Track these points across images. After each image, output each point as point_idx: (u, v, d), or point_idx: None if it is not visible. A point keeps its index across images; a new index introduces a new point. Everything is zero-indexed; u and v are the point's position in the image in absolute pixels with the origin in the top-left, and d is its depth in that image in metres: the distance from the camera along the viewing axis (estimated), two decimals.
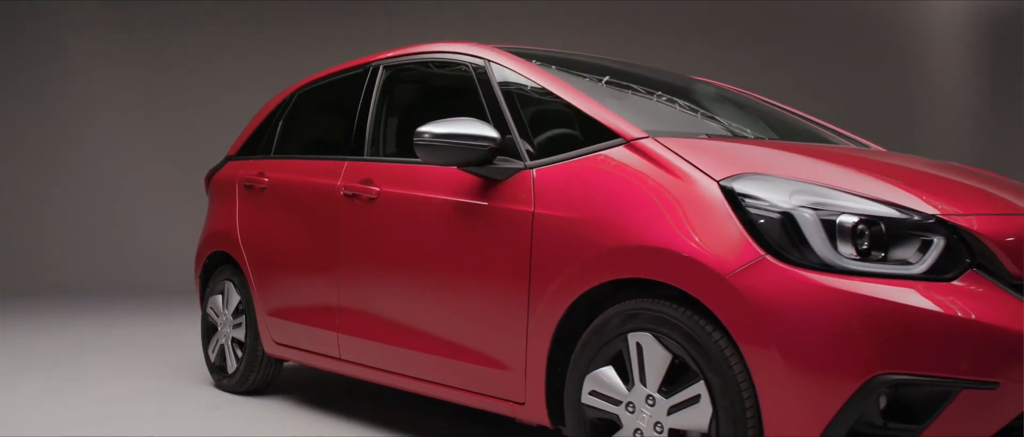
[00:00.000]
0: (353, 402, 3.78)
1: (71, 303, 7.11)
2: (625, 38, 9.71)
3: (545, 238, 2.51)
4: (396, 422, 3.41)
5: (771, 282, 2.03)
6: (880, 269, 2.01)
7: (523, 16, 9.59)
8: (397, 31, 8.86)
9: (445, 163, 2.72)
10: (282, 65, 8.31)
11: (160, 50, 9.02)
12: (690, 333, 2.16)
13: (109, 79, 8.98)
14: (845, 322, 1.95)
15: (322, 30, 9.13)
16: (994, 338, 1.94)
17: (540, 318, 2.51)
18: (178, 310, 6.56)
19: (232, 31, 9.08)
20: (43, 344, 5.16)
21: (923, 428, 1.95)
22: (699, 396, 2.15)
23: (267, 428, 3.35)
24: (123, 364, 4.55)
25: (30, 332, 5.63)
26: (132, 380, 4.16)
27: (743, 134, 3.00)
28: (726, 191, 2.17)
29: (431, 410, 3.59)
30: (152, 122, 8.92)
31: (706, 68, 9.53)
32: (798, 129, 3.33)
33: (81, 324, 6.03)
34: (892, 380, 1.93)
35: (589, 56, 3.43)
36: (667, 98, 3.19)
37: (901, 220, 2.06)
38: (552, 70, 2.93)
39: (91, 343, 5.24)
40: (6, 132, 8.78)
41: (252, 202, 3.90)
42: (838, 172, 2.31)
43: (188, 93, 8.92)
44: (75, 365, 4.51)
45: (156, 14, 9.01)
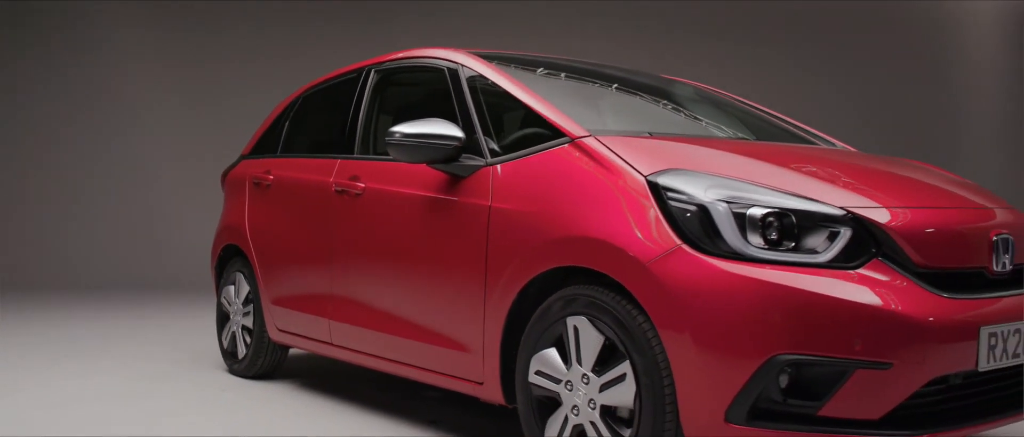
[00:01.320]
0: (351, 387, 4.01)
1: (110, 295, 7.53)
2: (653, 38, 9.85)
3: (499, 230, 2.71)
4: (387, 405, 3.64)
5: (685, 270, 2.19)
6: (787, 257, 2.17)
7: (540, 17, 9.78)
8: (431, 32, 9.15)
9: (415, 161, 2.93)
10: (319, 65, 8.61)
11: (197, 48, 9.34)
12: (618, 317, 2.34)
13: (146, 77, 9.31)
14: (747, 306, 2.11)
15: (359, 31, 9.39)
16: (888, 322, 2.08)
17: (494, 304, 2.71)
18: (209, 301, 6.89)
19: (268, 32, 9.37)
20: (77, 332, 5.53)
21: (821, 405, 2.10)
22: (625, 375, 2.33)
23: (265, 407, 3.60)
24: (149, 350, 4.87)
25: (66, 320, 6.02)
26: (155, 364, 4.46)
27: (700, 133, 3.15)
28: (651, 185, 2.34)
29: (422, 395, 3.81)
30: (189, 119, 9.25)
31: (738, 67, 9.64)
32: (766, 128, 3.46)
33: (116, 314, 6.41)
34: (790, 360, 2.08)
35: (564, 59, 3.62)
36: (626, 98, 3.36)
37: (810, 212, 2.21)
38: (516, 73, 3.13)
39: (123, 332, 5.58)
40: (44, 129, 9.12)
41: (259, 198, 4.17)
42: (763, 168, 2.46)
43: (225, 91, 9.22)
44: (103, 351, 4.85)
45: (194, 14, 9.37)
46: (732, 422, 2.12)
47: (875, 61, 10.46)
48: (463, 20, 9.64)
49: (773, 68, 10.24)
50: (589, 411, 2.42)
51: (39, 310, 6.63)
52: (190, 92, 9.31)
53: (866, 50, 10.46)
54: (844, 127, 10.16)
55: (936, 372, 2.12)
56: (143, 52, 9.36)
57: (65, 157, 9.16)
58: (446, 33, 9.40)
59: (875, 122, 10.45)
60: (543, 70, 3.38)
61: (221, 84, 9.24)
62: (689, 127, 3.29)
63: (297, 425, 3.33)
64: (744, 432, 2.12)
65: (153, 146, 9.25)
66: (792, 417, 2.12)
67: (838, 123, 10.21)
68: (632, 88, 3.53)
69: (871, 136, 10.25)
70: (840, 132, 5.63)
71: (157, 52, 9.36)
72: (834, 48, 10.39)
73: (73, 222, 9.03)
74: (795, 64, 10.31)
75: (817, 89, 10.29)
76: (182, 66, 9.35)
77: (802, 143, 3.32)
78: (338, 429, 3.26)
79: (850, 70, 10.43)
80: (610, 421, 2.38)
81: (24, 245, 8.85)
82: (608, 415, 2.39)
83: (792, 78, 10.27)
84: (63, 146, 9.17)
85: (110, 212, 9.08)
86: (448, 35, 9.51)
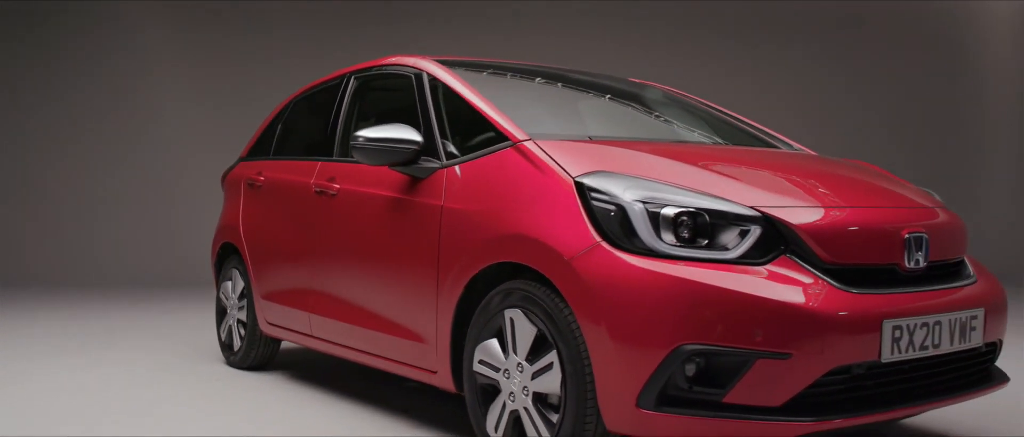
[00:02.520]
0: (337, 378, 4.20)
1: (130, 291, 7.84)
2: (666, 37, 9.95)
3: (449, 229, 2.88)
4: (365, 395, 3.82)
5: (602, 265, 2.35)
6: (697, 254, 2.31)
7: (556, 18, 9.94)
8: (457, 33, 9.39)
9: (377, 163, 3.11)
10: (340, 68, 8.85)
11: (220, 49, 9.60)
12: (547, 310, 2.49)
13: (169, 77, 9.59)
14: (655, 299, 2.25)
15: (383, 33, 9.60)
16: (787, 314, 2.21)
17: (445, 298, 2.88)
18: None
19: (292, 34, 9.59)
20: (90, 325, 5.82)
21: (725, 392, 2.24)
22: (553, 364, 2.48)
23: (252, 395, 3.82)
24: (155, 343, 5.13)
25: (82, 314, 6.32)
26: (156, 356, 4.71)
27: (648, 136, 3.30)
28: (578, 186, 2.50)
29: (402, 385, 3.99)
30: (211, 119, 9.50)
31: (756, 68, 9.67)
32: (727, 131, 3.59)
33: (132, 309, 6.70)
34: (694, 350, 2.22)
35: (536, 65, 3.79)
36: (582, 102, 3.52)
37: (722, 211, 2.35)
38: (475, 79, 3.30)
39: (135, 326, 5.86)
40: (67, 128, 9.42)
41: (253, 199, 4.38)
42: (687, 171, 2.59)
43: (246, 91, 9.42)
44: (111, 344, 5.11)
45: (217, 15, 9.64)
46: (643, 407, 2.27)
47: (893, 61, 10.45)
48: (491, 21, 9.82)
49: (789, 68, 10.29)
50: (523, 398, 2.58)
51: (58, 304, 6.95)
52: (212, 92, 9.56)
53: (883, 50, 10.44)
54: (860, 126, 10.19)
55: (835, 362, 2.24)
56: (166, 53, 9.64)
57: (88, 156, 9.44)
58: (474, 32, 9.64)
59: (895, 121, 10.44)
60: (509, 75, 3.54)
61: (243, 85, 9.49)
62: (638, 130, 3.44)
63: (269, 413, 3.53)
64: (653, 417, 2.26)
65: (175, 145, 9.52)
66: (698, 403, 2.26)
67: (864, 123, 10.26)
68: (593, 93, 3.68)
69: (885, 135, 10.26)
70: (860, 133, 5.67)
71: (180, 53, 9.63)
72: (848, 48, 10.40)
73: (95, 220, 9.32)
74: (811, 62, 10.34)
75: (831, 88, 10.31)
76: (204, 67, 9.61)
77: (755, 145, 3.45)
78: (308, 416, 3.46)
79: (865, 71, 10.43)
80: (541, 407, 2.54)
81: (46, 242, 9.19)
82: (540, 401, 2.55)
83: (805, 77, 10.30)
84: (86, 145, 9.46)
85: (132, 210, 9.35)
86: (476, 35, 9.75)
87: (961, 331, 2.51)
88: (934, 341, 2.43)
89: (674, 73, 9.89)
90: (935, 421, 3.38)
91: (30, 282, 8.36)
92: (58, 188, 9.41)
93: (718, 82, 10.04)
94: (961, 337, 2.51)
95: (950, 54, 10.67)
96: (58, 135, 9.45)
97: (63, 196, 9.39)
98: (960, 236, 2.77)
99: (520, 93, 3.47)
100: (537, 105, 3.42)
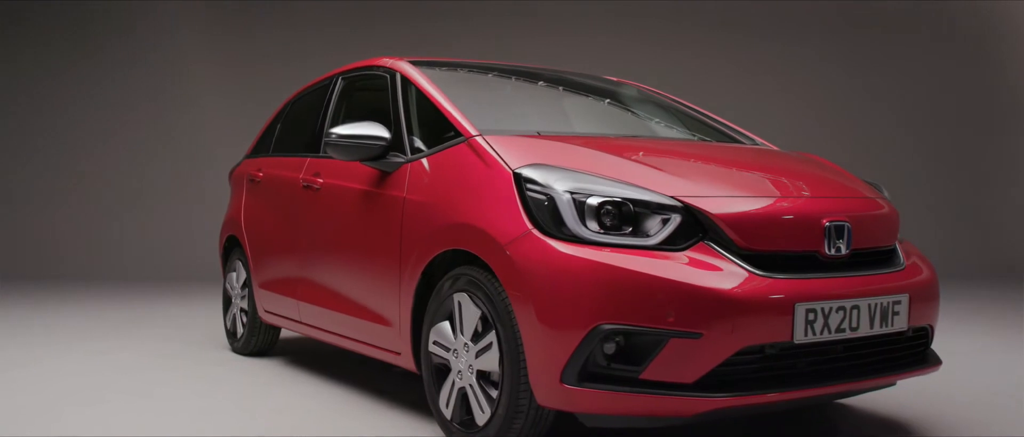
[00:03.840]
0: (332, 363, 4.43)
1: (158, 284, 8.19)
2: (694, 34, 10.06)
3: (409, 219, 3.08)
4: (353, 377, 4.04)
5: (532, 251, 2.52)
6: (620, 240, 2.47)
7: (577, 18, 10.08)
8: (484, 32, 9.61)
9: (349, 159, 3.32)
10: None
11: (252, 48, 9.92)
12: (488, 293, 2.67)
13: (202, 75, 9.94)
14: (576, 282, 2.42)
15: (414, 30, 9.86)
16: (698, 296, 2.36)
17: (406, 283, 3.08)
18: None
19: (328, 33, 9.89)
20: (111, 316, 6.14)
21: (642, 369, 2.40)
22: (492, 344, 2.66)
23: (243, 377, 4.06)
24: (167, 331, 5.42)
25: (105, 305, 6.66)
26: (169, 343, 4.99)
27: (598, 132, 3.47)
28: (516, 177, 2.67)
29: (391, 371, 4.20)
30: (242, 116, 9.83)
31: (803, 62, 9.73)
32: (694, 127, 3.74)
33: (156, 301, 7.03)
34: (611, 329, 2.38)
35: (507, 64, 3.97)
36: (543, 99, 3.69)
37: (644, 201, 2.51)
38: (441, 79, 3.48)
39: (154, 316, 6.17)
40: (100, 126, 9.83)
41: (253, 194, 4.63)
42: (620, 164, 2.74)
43: (278, 89, 9.73)
44: (128, 332, 5.42)
45: (249, 15, 9.96)
46: (566, 383, 2.43)
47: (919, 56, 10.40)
48: (521, 20, 10.03)
49: (807, 66, 10.31)
50: (468, 375, 2.77)
51: (86, 294, 7.31)
52: (243, 90, 9.86)
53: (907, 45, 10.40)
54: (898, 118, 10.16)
55: (746, 343, 2.38)
56: (199, 52, 9.99)
57: (122, 152, 9.82)
58: (502, 31, 9.86)
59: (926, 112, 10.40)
60: (481, 75, 3.72)
61: (273, 83, 9.79)
62: (591, 126, 3.62)
63: (253, 392, 3.77)
64: (576, 392, 2.43)
65: (207, 142, 9.85)
66: (617, 379, 2.42)
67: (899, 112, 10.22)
68: (559, 91, 3.85)
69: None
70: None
71: (212, 51, 9.97)
72: (876, 43, 10.38)
73: (128, 214, 9.70)
74: (823, 61, 10.34)
75: (851, 87, 10.31)
76: (237, 65, 9.92)
77: (714, 140, 3.60)
78: (288, 396, 3.68)
79: (891, 66, 10.40)
80: (483, 384, 2.72)
81: (80, 235, 9.58)
82: (483, 379, 2.73)
83: (824, 75, 10.30)
84: (120, 142, 9.83)
85: (164, 205, 9.70)
86: (504, 35, 9.96)
87: (882, 315, 2.63)
88: (852, 324, 2.56)
89: (688, 72, 10.01)
90: (888, 402, 3.48)
91: (63, 274, 8.78)
92: (93, 183, 9.79)
93: (739, 80, 10.13)
94: (882, 321, 2.63)
95: (975, 50, 10.58)
96: (93, 132, 9.83)
97: (97, 191, 9.77)
98: (888, 225, 2.89)
99: (484, 92, 3.66)
100: (497, 103, 3.60)
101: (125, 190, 9.80)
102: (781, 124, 10.07)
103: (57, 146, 9.84)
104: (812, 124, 10.25)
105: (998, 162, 10.64)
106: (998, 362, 4.61)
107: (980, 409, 3.49)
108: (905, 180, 10.25)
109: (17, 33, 9.88)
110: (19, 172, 9.80)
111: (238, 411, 3.41)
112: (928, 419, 3.30)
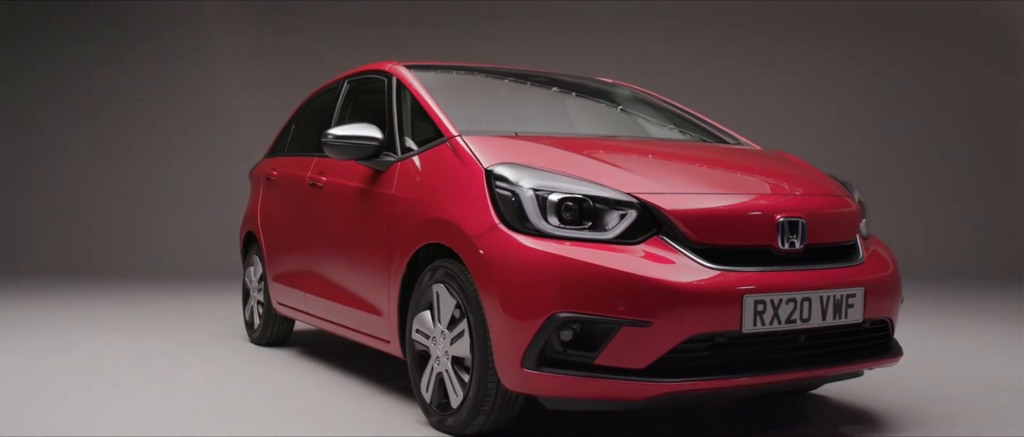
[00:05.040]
0: (341, 354, 4.65)
1: (190, 280, 8.53)
2: (728, 36, 10.14)
3: (397, 215, 3.27)
4: (359, 368, 4.25)
5: (498, 244, 2.69)
6: (579, 234, 2.63)
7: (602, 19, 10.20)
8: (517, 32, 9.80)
9: (345, 158, 3.52)
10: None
11: (288, 49, 10.22)
12: (461, 284, 2.85)
13: (239, 75, 10.25)
14: (535, 273, 2.58)
15: (445, 33, 10.08)
16: (648, 287, 2.51)
17: (393, 276, 3.27)
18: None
19: (357, 34, 10.13)
20: (145, 310, 6.46)
21: (596, 355, 2.55)
22: (464, 331, 2.84)
23: (255, 366, 4.29)
24: (197, 323, 5.70)
25: (140, 300, 6.99)
26: (192, 334, 5.27)
27: (578, 133, 3.64)
28: (487, 175, 2.85)
29: (393, 362, 4.40)
30: (279, 116, 10.16)
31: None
32: (664, 127, 3.90)
33: (188, 296, 7.34)
34: (567, 317, 2.54)
35: (501, 67, 4.16)
36: (529, 101, 3.87)
37: (602, 197, 2.67)
38: (432, 81, 3.66)
39: (185, 309, 6.48)
40: (141, 125, 10.19)
41: (268, 192, 4.88)
42: (585, 162, 2.89)
43: (311, 89, 10.05)
44: (156, 324, 5.72)
45: (285, 16, 10.26)
46: (526, 368, 2.60)
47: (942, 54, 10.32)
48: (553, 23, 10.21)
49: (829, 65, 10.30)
50: (445, 361, 2.95)
51: (118, 289, 7.66)
52: (276, 89, 10.13)
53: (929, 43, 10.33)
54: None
55: (693, 331, 2.52)
56: (237, 53, 10.30)
57: (155, 151, 10.17)
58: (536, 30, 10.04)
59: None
60: (473, 77, 3.91)
61: (307, 82, 10.06)
62: (569, 127, 3.78)
63: (258, 377, 4.00)
64: (535, 376, 2.59)
65: (239, 141, 10.16)
66: (573, 364, 2.58)
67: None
68: (547, 93, 4.04)
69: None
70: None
71: (250, 52, 10.27)
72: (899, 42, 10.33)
73: (162, 211, 10.05)
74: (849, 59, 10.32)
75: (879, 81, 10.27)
76: (269, 65, 10.20)
77: (693, 140, 3.74)
78: (283, 381, 3.90)
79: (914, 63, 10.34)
80: (457, 369, 2.90)
81: (116, 232, 9.95)
82: (457, 364, 2.91)
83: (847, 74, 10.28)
84: (156, 140, 10.18)
85: (201, 203, 10.00)
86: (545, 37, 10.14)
87: (835, 308, 2.75)
88: (803, 316, 2.68)
89: (720, 72, 10.08)
90: (862, 391, 3.58)
91: (103, 269, 9.16)
92: (128, 181, 10.14)
93: (764, 79, 10.16)
94: (835, 313, 2.75)
95: (1000, 49, 10.46)
96: (127, 131, 10.18)
97: (132, 189, 10.13)
98: (847, 222, 2.99)
99: (472, 94, 3.84)
100: (482, 104, 3.77)
101: (161, 187, 10.13)
102: (805, 123, 10.09)
103: (91, 145, 10.19)
104: (837, 123, 10.25)
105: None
106: (996, 360, 4.66)
107: (950, 403, 3.57)
108: (930, 179, 10.20)
109: (54, 35, 10.26)
110: (57, 169, 10.18)
111: (232, 395, 3.64)
112: (895, 410, 3.39)
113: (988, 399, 3.64)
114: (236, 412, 3.33)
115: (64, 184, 10.19)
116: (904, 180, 10.20)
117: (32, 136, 10.26)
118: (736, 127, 4.28)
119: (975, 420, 3.28)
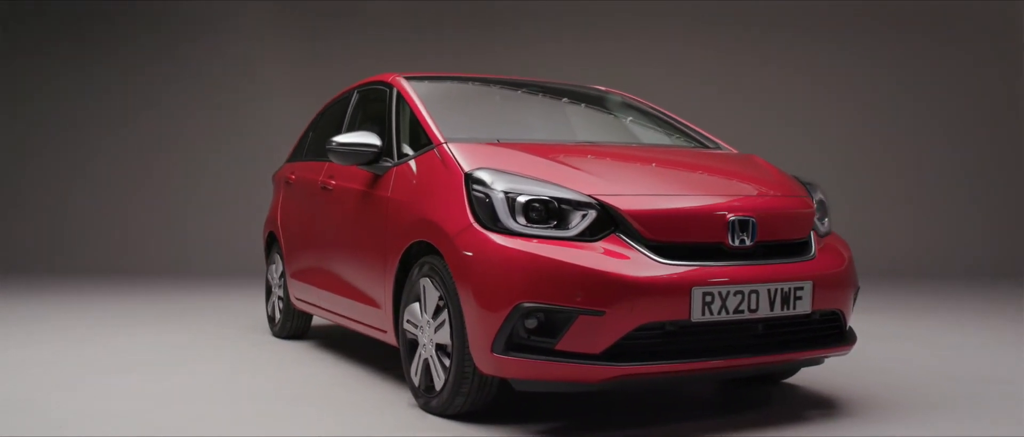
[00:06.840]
0: (353, 346, 4.98)
1: (220, 278, 8.95)
2: (751, 36, 10.31)
3: (392, 215, 3.58)
4: (368, 358, 4.58)
5: (473, 241, 2.98)
6: (544, 232, 2.91)
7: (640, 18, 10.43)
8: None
9: (348, 163, 3.84)
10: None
11: (316, 52, 10.59)
12: (442, 277, 3.15)
13: (267, 78, 10.64)
14: (502, 267, 2.87)
15: (478, 36, 10.40)
16: (601, 280, 2.78)
17: (388, 271, 3.58)
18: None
19: (388, 36, 10.47)
20: (176, 304, 6.87)
21: (556, 341, 2.83)
22: (445, 320, 3.14)
23: (276, 356, 4.64)
24: (223, 317, 6.09)
25: (171, 295, 7.41)
26: (216, 327, 5.65)
27: (559, 139, 3.92)
28: (466, 178, 3.14)
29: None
30: (305, 118, 10.55)
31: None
32: (643, 133, 4.16)
33: (216, 293, 7.76)
34: (530, 307, 2.81)
35: (498, 77, 4.44)
36: (513, 109, 4.16)
37: (565, 199, 2.95)
38: (428, 91, 3.96)
39: (213, 305, 6.88)
40: (169, 125, 10.64)
41: (287, 195, 5.23)
42: (554, 167, 3.17)
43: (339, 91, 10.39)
44: (184, 318, 6.11)
45: (313, 19, 10.63)
46: (495, 353, 2.89)
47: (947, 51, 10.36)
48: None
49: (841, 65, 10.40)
50: (430, 348, 3.25)
51: (151, 286, 8.10)
52: (311, 95, 10.51)
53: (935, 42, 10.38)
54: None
55: (644, 320, 2.78)
56: (271, 57, 10.71)
57: (189, 153, 10.62)
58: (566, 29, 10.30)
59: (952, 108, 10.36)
60: (468, 87, 4.21)
61: (340, 87, 10.44)
62: (548, 134, 4.06)
63: (271, 366, 4.33)
64: (503, 360, 2.88)
65: (274, 143, 10.54)
66: (536, 349, 2.86)
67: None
68: (536, 100, 4.33)
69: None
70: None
71: (277, 55, 10.66)
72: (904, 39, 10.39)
73: (196, 210, 10.48)
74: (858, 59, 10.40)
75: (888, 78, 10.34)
76: (302, 67, 10.58)
77: (670, 145, 3.99)
78: (302, 369, 4.23)
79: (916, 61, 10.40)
80: (440, 355, 3.20)
81: (151, 233, 10.43)
82: (440, 350, 3.21)
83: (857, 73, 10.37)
84: (187, 142, 10.64)
85: (232, 205, 10.41)
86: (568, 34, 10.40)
87: (783, 299, 2.99)
88: (751, 306, 2.93)
89: (746, 71, 10.23)
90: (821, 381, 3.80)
91: (134, 268, 9.64)
92: (162, 183, 10.60)
93: (769, 78, 10.30)
94: (783, 304, 2.99)
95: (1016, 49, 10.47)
96: (161, 132, 10.65)
97: (166, 190, 10.59)
98: (799, 220, 3.23)
99: (463, 103, 4.14)
100: (470, 113, 4.06)
101: (193, 189, 10.56)
102: (805, 123, 10.21)
103: (128, 148, 10.66)
104: (837, 123, 10.35)
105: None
106: (990, 354, 4.82)
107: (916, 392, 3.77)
108: (942, 179, 10.23)
109: (96, 39, 10.74)
110: (94, 171, 10.67)
111: (246, 380, 3.98)
112: (858, 399, 3.61)
113: (953, 389, 3.83)
114: (248, 395, 3.67)
115: (100, 185, 10.67)
116: (904, 180, 10.27)
117: (69, 138, 10.75)
118: (733, 128, 4.52)
119: (931, 409, 3.49)
